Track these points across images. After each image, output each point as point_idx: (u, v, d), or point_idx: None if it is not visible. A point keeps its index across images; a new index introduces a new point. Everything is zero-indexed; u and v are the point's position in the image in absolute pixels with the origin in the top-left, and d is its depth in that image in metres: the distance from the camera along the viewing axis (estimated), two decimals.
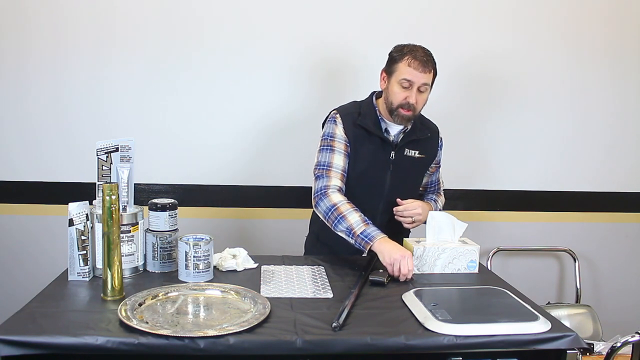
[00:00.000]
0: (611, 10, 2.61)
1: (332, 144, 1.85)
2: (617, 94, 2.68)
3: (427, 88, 1.80)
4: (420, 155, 1.92)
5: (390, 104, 1.81)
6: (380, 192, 1.88)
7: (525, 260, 2.78)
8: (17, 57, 2.43)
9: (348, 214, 1.72)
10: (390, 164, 1.87)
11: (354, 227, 1.69)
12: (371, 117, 1.86)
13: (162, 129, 2.51)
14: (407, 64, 1.76)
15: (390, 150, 1.87)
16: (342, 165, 1.84)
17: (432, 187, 2.09)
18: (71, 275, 1.54)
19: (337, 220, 1.73)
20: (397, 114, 1.80)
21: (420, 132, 1.91)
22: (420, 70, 1.75)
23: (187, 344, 1.18)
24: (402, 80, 1.76)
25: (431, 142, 1.96)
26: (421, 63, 1.75)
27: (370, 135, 1.85)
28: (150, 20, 2.44)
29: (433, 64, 1.80)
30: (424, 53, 1.78)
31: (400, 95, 1.78)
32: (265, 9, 2.46)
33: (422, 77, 1.76)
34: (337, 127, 1.86)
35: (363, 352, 1.24)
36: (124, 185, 1.61)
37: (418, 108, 1.82)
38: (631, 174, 2.75)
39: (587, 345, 2.09)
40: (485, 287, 1.58)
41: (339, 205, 1.74)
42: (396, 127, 1.88)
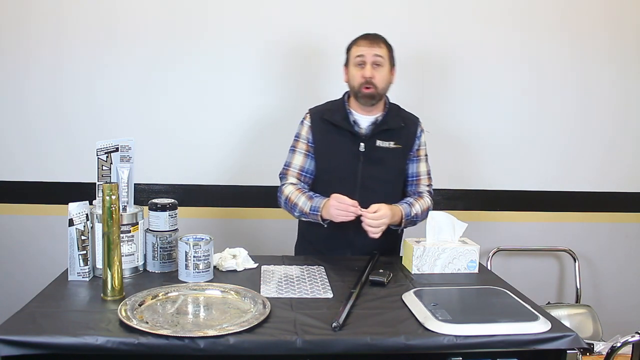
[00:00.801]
0: (612, 10, 2.61)
1: (295, 144, 1.97)
2: (617, 93, 2.68)
3: (381, 62, 1.85)
4: (397, 146, 1.92)
5: (353, 88, 1.88)
6: (353, 184, 1.89)
7: (525, 260, 2.78)
8: (16, 57, 2.43)
9: (297, 199, 1.86)
10: (361, 156, 1.89)
11: (304, 207, 1.83)
12: (340, 111, 1.92)
13: (162, 129, 2.51)
14: (357, 44, 1.88)
15: (359, 142, 1.89)
16: (300, 165, 1.94)
17: (412, 181, 2.00)
18: (71, 275, 1.54)
19: (293, 209, 1.87)
20: (360, 95, 1.86)
21: (393, 122, 1.92)
22: (368, 45, 1.84)
23: (187, 344, 1.18)
24: (355, 58, 1.86)
25: (407, 132, 1.95)
26: (368, 40, 1.86)
27: (338, 129, 1.90)
28: (149, 21, 2.44)
29: (384, 42, 1.88)
30: (373, 34, 1.89)
31: (358, 74, 1.85)
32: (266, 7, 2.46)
33: (372, 50, 1.84)
34: (303, 127, 1.96)
35: (363, 352, 1.24)
36: (124, 185, 1.61)
37: (378, 84, 1.85)
38: (631, 174, 2.75)
39: (587, 345, 2.09)
40: (485, 287, 1.58)
41: (289, 196, 1.88)
42: (366, 119, 1.91)
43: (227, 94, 2.52)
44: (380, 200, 1.82)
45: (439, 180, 2.64)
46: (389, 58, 1.89)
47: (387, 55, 1.87)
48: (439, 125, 2.61)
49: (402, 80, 2.56)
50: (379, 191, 1.89)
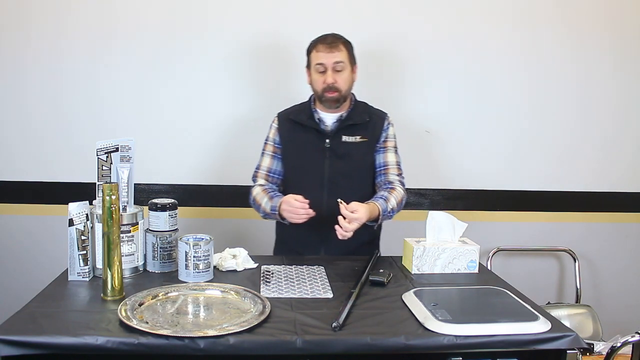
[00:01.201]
0: (613, 9, 2.61)
1: (264, 147, 2.02)
2: (617, 93, 2.68)
3: (342, 66, 1.87)
4: (363, 139, 1.94)
5: (316, 92, 1.93)
6: (321, 180, 1.92)
7: (525, 260, 2.78)
8: (16, 57, 2.43)
9: (260, 199, 1.91)
10: (327, 152, 1.92)
11: (266, 207, 1.88)
12: (305, 111, 1.97)
13: (162, 129, 2.51)
14: (316, 50, 1.89)
15: (325, 138, 1.93)
16: (267, 166, 2.00)
17: (380, 171, 1.98)
18: (71, 275, 1.54)
19: (258, 209, 1.92)
20: (325, 99, 1.90)
21: (358, 118, 1.95)
22: (327, 51, 1.86)
23: (187, 344, 1.18)
24: (316, 66, 1.88)
25: (373, 125, 1.97)
26: (327, 45, 1.87)
27: (304, 127, 1.95)
28: (149, 21, 2.44)
29: (343, 43, 1.89)
30: (332, 36, 1.90)
31: (319, 80, 1.89)
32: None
33: (331, 56, 1.86)
34: (271, 130, 2.02)
35: (363, 352, 1.24)
36: (124, 185, 1.61)
37: (341, 87, 1.88)
38: (631, 174, 2.75)
39: (587, 345, 2.09)
40: (485, 287, 1.58)
41: (255, 196, 1.94)
42: (331, 116, 1.95)
43: (227, 94, 2.52)
44: (348, 194, 1.82)
45: (439, 180, 2.66)
46: (349, 59, 1.90)
47: (347, 57, 1.89)
48: (439, 125, 2.62)
49: (402, 80, 2.58)
50: (346, 186, 1.91)
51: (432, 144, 2.63)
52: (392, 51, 2.54)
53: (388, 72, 2.56)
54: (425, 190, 2.65)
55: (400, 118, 2.58)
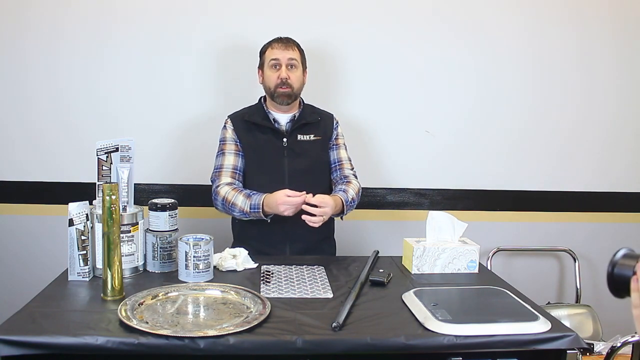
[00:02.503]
0: (617, 10, 2.61)
1: (223, 147, 2.03)
2: (617, 94, 2.68)
3: (295, 64, 1.98)
4: (316, 138, 2.04)
5: (269, 89, 1.99)
6: (282, 178, 1.97)
7: (525, 260, 2.78)
8: (17, 57, 2.42)
9: (235, 199, 1.89)
10: (285, 150, 1.99)
11: (243, 207, 1.87)
12: (259, 112, 2.03)
13: (162, 129, 2.51)
14: (271, 47, 2.00)
15: (282, 137, 2.00)
16: (232, 164, 2.00)
17: (337, 167, 2.09)
18: (71, 275, 1.54)
19: (231, 209, 1.90)
20: (277, 95, 1.97)
21: (309, 117, 2.05)
22: (283, 48, 1.97)
23: (187, 344, 1.18)
24: (270, 61, 1.97)
25: (324, 124, 2.08)
26: (283, 43, 1.99)
27: (260, 128, 2.01)
28: (149, 21, 2.43)
29: (296, 45, 2.02)
30: (286, 37, 2.02)
31: (273, 76, 1.97)
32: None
33: (286, 53, 1.97)
34: (226, 131, 2.04)
35: (363, 352, 1.24)
36: (124, 185, 1.61)
37: (294, 84, 1.97)
38: (631, 174, 2.75)
39: (587, 345, 2.08)
40: (485, 287, 1.58)
41: (226, 196, 1.91)
42: (284, 117, 2.03)
43: (228, 94, 2.52)
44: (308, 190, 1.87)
45: (439, 180, 2.66)
46: (302, 61, 2.02)
47: (300, 58, 2.01)
48: (438, 125, 2.62)
49: (401, 80, 2.58)
50: (306, 182, 1.93)
51: (432, 144, 2.63)
52: (391, 51, 2.54)
53: (387, 72, 2.56)
54: (425, 190, 2.65)
55: (400, 118, 2.60)
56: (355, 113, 2.54)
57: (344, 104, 2.52)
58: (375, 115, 2.57)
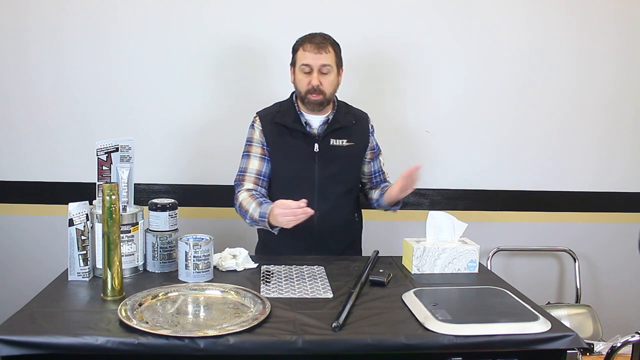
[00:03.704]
0: (618, 13, 2.61)
1: (249, 149, 1.93)
2: (618, 94, 2.68)
3: (329, 69, 1.82)
4: (350, 143, 1.91)
5: (299, 93, 1.86)
6: (311, 186, 1.88)
7: (525, 260, 2.78)
8: (19, 57, 2.42)
9: (248, 205, 1.80)
10: (316, 156, 1.88)
11: (254, 214, 1.77)
12: (290, 113, 1.90)
13: (162, 129, 2.51)
14: (303, 49, 1.83)
15: (313, 142, 1.88)
16: (257, 169, 1.90)
17: (377, 177, 2.05)
18: (71, 275, 1.54)
19: (244, 215, 1.82)
20: (307, 101, 1.84)
21: (344, 120, 1.92)
22: (315, 52, 1.80)
23: (187, 344, 1.18)
24: (302, 66, 1.83)
25: (359, 129, 1.95)
26: (315, 46, 1.81)
27: (291, 131, 1.88)
28: (149, 21, 2.43)
29: (331, 45, 1.84)
30: (320, 36, 1.84)
31: (304, 81, 1.83)
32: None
33: (318, 58, 1.80)
34: (254, 131, 1.92)
35: (363, 352, 1.24)
36: (124, 185, 1.61)
37: (326, 90, 1.83)
38: (631, 174, 2.75)
39: (587, 345, 2.09)
40: (485, 287, 1.58)
41: (242, 202, 1.83)
42: (317, 119, 1.90)
43: (228, 94, 2.52)
44: (338, 198, 1.87)
45: (439, 180, 2.66)
46: (336, 62, 1.86)
47: (334, 60, 1.84)
48: (439, 125, 2.62)
49: (401, 80, 2.58)
50: (336, 190, 1.90)
51: (432, 144, 2.63)
52: (391, 51, 2.54)
53: (387, 72, 2.56)
54: (425, 190, 2.65)
55: (400, 118, 2.59)
56: None
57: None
58: (375, 115, 2.57)
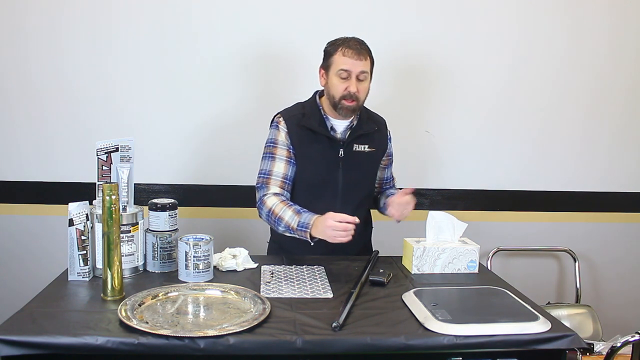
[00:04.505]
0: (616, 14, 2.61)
1: (273, 151, 1.85)
2: (619, 94, 2.68)
3: (366, 76, 1.78)
4: (371, 149, 1.90)
5: (332, 97, 1.80)
6: (335, 191, 1.85)
7: (525, 260, 2.78)
8: (19, 57, 2.42)
9: (282, 212, 1.73)
10: (340, 162, 1.85)
11: (290, 222, 1.71)
12: (315, 116, 1.85)
13: (161, 129, 2.51)
14: (342, 54, 1.76)
15: (338, 148, 1.84)
16: (283, 172, 1.83)
17: (388, 183, 2.05)
18: (71, 275, 1.54)
19: (277, 223, 1.75)
20: (341, 107, 1.79)
21: (367, 126, 1.89)
22: (355, 58, 1.74)
23: (187, 344, 1.18)
24: (339, 71, 1.76)
25: (379, 135, 1.94)
26: (355, 51, 1.75)
27: (316, 135, 1.84)
28: (149, 21, 2.43)
29: (368, 52, 1.79)
30: (358, 42, 1.78)
31: (340, 86, 1.77)
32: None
33: (358, 64, 1.75)
34: (279, 132, 1.85)
35: (363, 352, 1.24)
36: (124, 185, 1.61)
37: (361, 97, 1.80)
38: (631, 174, 2.75)
39: (587, 345, 2.09)
40: (485, 287, 1.58)
41: (273, 208, 1.75)
42: (342, 124, 1.86)
43: (228, 94, 2.52)
44: (358, 204, 1.86)
45: (439, 180, 2.66)
46: (371, 69, 1.83)
47: (370, 67, 1.82)
48: (439, 125, 2.62)
49: (401, 80, 2.58)
50: (357, 196, 1.90)
51: (432, 144, 2.63)
52: (392, 52, 2.54)
53: (388, 72, 2.56)
54: (425, 190, 2.65)
55: (400, 118, 2.59)
56: None
57: None
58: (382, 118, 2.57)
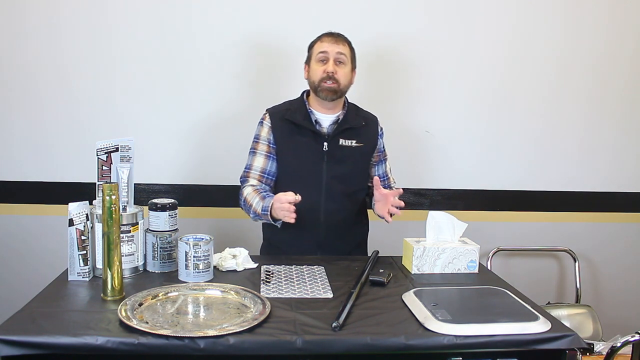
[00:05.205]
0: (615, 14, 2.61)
1: (255, 146, 1.94)
2: (620, 95, 2.68)
3: (344, 59, 1.86)
4: (359, 145, 1.92)
5: (313, 83, 1.88)
6: (319, 184, 1.89)
7: (525, 260, 2.78)
8: (18, 57, 2.43)
9: (252, 199, 1.83)
10: (325, 155, 1.88)
11: (257, 208, 1.80)
12: (301, 111, 1.91)
13: (161, 129, 2.51)
14: (320, 40, 1.89)
15: (322, 141, 1.88)
16: (261, 167, 1.92)
17: (382, 182, 2.03)
18: (71, 275, 1.54)
19: (248, 210, 1.85)
20: (321, 89, 1.85)
21: (354, 121, 1.93)
22: (332, 42, 1.86)
23: (187, 344, 1.18)
24: (318, 54, 1.86)
25: (368, 130, 1.97)
26: (332, 37, 1.88)
27: (300, 129, 1.89)
28: (148, 21, 2.44)
29: (347, 40, 1.90)
30: (337, 33, 1.91)
31: (319, 69, 1.85)
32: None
33: (335, 47, 1.85)
34: (262, 128, 1.94)
35: (363, 352, 1.24)
36: (124, 185, 1.61)
37: (341, 80, 1.85)
38: (632, 174, 2.75)
39: (587, 345, 2.09)
40: (485, 287, 1.58)
41: (246, 196, 1.86)
42: (327, 118, 1.91)
43: (228, 94, 2.52)
44: (344, 199, 1.87)
45: (439, 180, 2.66)
46: (351, 58, 1.91)
47: (350, 54, 1.90)
48: (439, 125, 2.62)
49: (401, 80, 2.58)
50: (343, 190, 1.91)
51: (432, 144, 2.63)
52: (391, 51, 2.54)
53: (388, 72, 2.56)
54: (425, 190, 2.65)
55: (400, 118, 2.59)
56: None
57: None
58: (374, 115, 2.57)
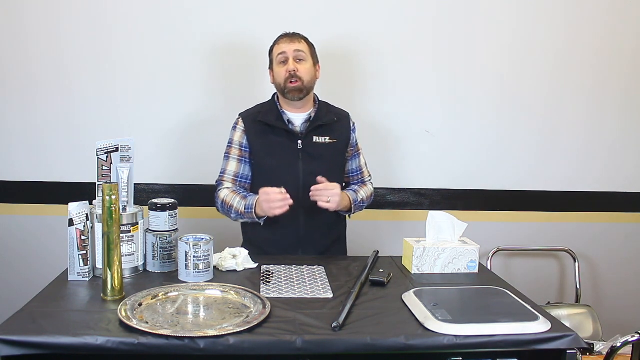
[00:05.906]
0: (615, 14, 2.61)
1: (228, 151, 1.98)
2: (620, 95, 2.68)
3: (303, 56, 1.89)
4: (332, 140, 1.95)
5: (279, 86, 1.91)
6: (296, 182, 1.89)
7: (525, 260, 2.78)
8: (18, 58, 2.43)
9: (232, 200, 1.87)
10: (300, 153, 1.91)
11: (239, 207, 1.85)
12: (272, 112, 1.94)
13: (162, 129, 2.51)
14: (277, 43, 1.93)
15: (297, 139, 1.91)
16: (235, 171, 1.96)
17: (355, 176, 2.08)
18: (71, 275, 1.54)
19: (229, 212, 1.89)
20: (287, 91, 1.88)
21: (325, 118, 1.96)
22: (289, 41, 1.90)
23: (187, 344, 1.18)
24: (278, 56, 1.90)
25: (341, 126, 1.99)
26: (288, 36, 1.92)
27: (274, 129, 1.92)
28: (148, 21, 2.44)
29: (303, 37, 1.94)
30: (292, 32, 1.95)
31: (282, 71, 1.89)
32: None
33: (292, 45, 1.89)
34: (235, 132, 1.97)
35: (363, 352, 1.24)
36: (124, 185, 1.61)
37: (304, 77, 1.88)
38: (631, 174, 2.75)
39: (587, 345, 2.09)
40: (485, 287, 1.58)
41: (224, 198, 1.90)
42: (299, 117, 1.94)
43: (227, 93, 2.52)
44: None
45: (439, 180, 2.66)
46: (311, 54, 1.93)
47: (309, 50, 1.92)
48: (439, 125, 2.62)
49: (401, 80, 2.58)
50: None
51: (431, 144, 2.63)
52: (390, 51, 2.54)
53: (387, 72, 2.56)
54: (425, 190, 2.65)
55: (401, 118, 2.59)
56: (354, 113, 2.53)
57: (343, 103, 2.52)
58: (374, 115, 2.57)
